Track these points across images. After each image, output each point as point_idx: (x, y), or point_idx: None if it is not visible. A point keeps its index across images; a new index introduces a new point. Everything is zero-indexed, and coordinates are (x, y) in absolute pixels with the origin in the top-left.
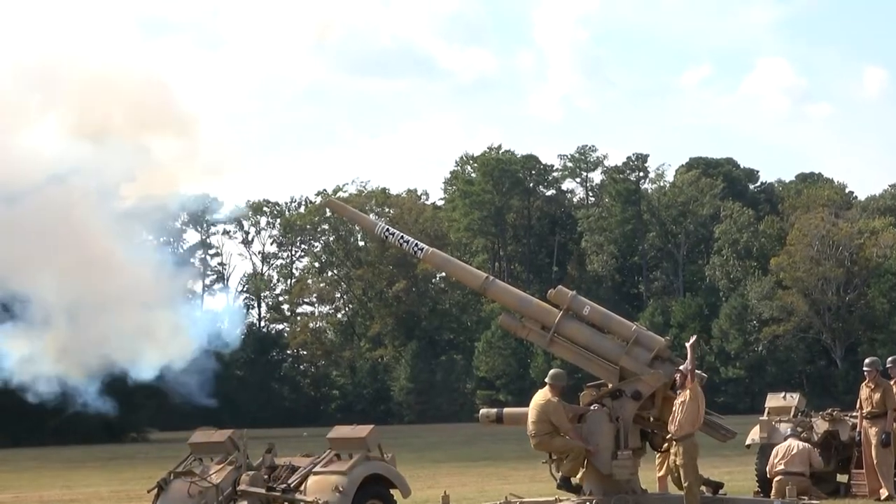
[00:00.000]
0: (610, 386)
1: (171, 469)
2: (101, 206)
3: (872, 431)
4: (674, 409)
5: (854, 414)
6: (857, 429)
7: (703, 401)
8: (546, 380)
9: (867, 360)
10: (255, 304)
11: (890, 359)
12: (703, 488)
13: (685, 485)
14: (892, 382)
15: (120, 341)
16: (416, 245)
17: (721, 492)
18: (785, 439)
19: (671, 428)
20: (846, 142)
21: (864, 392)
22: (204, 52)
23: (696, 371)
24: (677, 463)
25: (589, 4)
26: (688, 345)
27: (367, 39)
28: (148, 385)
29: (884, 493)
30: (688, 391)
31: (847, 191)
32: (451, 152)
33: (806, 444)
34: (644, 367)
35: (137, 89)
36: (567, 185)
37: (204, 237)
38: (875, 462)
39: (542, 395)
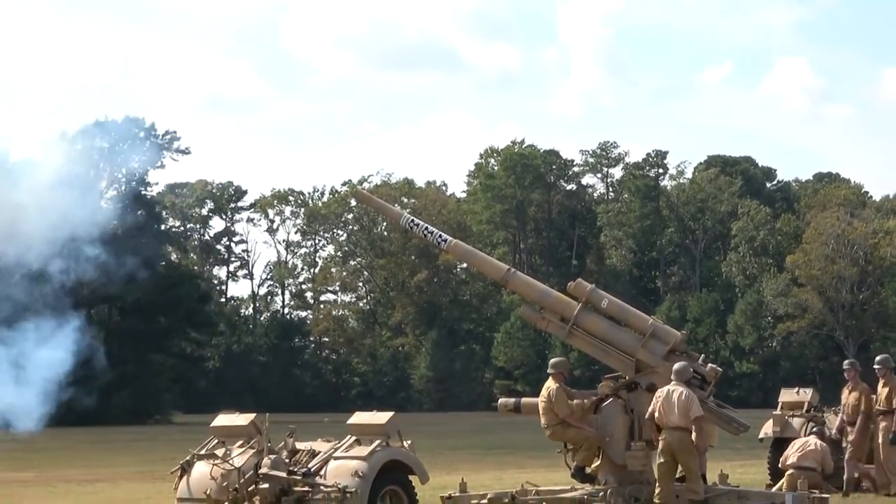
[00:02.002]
0: (626, 378)
1: (194, 451)
2: None
3: (881, 427)
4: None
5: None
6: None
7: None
8: (549, 370)
9: (878, 358)
10: (279, 292)
11: (879, 357)
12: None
13: None
14: (881, 384)
15: None
16: (440, 236)
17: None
18: (809, 434)
19: None
20: (863, 143)
21: (878, 389)
22: (232, 43)
23: (711, 365)
24: None
25: (613, 3)
26: None
27: (393, 34)
28: (171, 368)
29: (893, 488)
30: None
31: (863, 191)
32: (475, 146)
33: (824, 445)
34: (660, 360)
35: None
36: (587, 180)
37: (229, 225)
38: (883, 458)
39: (547, 387)
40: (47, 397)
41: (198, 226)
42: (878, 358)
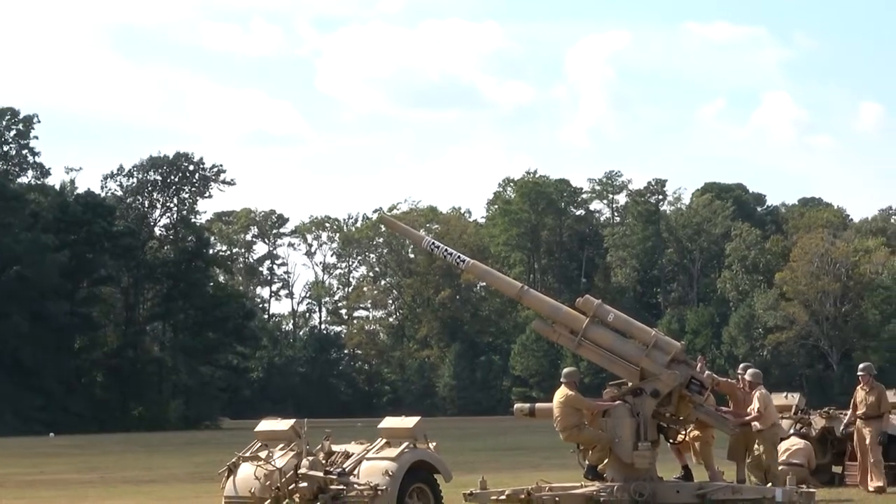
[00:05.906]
0: (631, 384)
1: (239, 454)
2: None
3: (866, 431)
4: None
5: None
6: (846, 425)
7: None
8: (562, 379)
9: (861, 366)
10: (317, 309)
11: (862, 366)
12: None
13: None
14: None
15: None
16: (459, 257)
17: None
18: (790, 436)
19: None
20: (844, 170)
21: (859, 395)
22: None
23: (708, 372)
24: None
25: (617, 45)
26: None
27: (418, 74)
28: (220, 379)
29: (872, 484)
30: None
31: (844, 214)
32: (493, 175)
33: (807, 443)
34: (662, 368)
35: None
36: (595, 205)
37: (271, 249)
38: (871, 458)
39: (561, 393)
40: None
41: (243, 250)
42: (861, 366)
